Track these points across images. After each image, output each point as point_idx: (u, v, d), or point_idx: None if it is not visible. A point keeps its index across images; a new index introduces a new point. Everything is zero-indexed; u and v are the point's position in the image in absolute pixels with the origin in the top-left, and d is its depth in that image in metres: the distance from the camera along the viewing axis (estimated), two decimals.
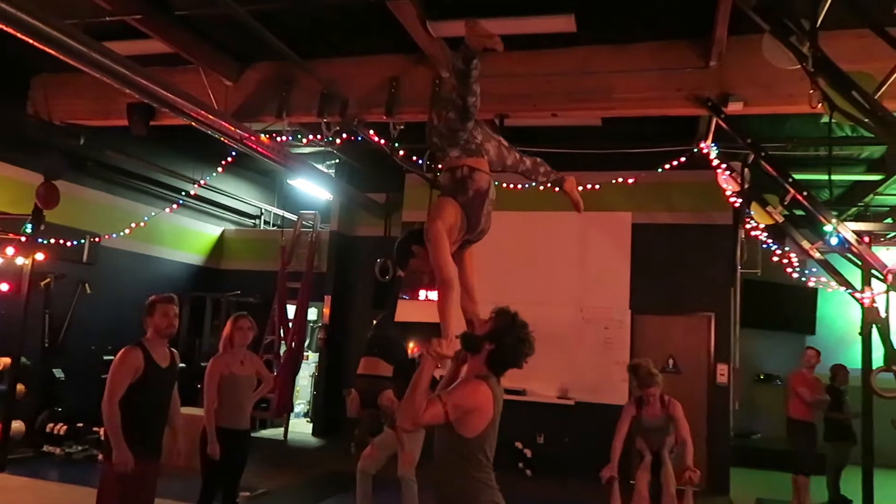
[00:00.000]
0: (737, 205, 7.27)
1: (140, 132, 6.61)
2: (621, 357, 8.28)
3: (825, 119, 6.00)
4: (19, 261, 7.08)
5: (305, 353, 10.19)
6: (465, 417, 2.59)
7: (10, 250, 6.97)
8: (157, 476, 3.92)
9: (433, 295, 8.88)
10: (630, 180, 7.53)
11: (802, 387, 6.99)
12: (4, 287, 7.15)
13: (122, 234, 8.45)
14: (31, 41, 4.16)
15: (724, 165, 6.62)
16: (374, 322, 5.61)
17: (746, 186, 6.71)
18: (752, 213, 6.50)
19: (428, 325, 8.59)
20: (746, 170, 6.89)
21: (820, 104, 3.76)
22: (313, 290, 9.54)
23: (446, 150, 2.97)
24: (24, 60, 6.49)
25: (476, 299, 2.97)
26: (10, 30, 4.00)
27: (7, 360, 7.12)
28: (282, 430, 9.23)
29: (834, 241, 5.65)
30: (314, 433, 9.88)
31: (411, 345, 6.24)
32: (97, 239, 8.21)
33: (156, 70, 5.75)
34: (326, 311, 9.89)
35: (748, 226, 7.37)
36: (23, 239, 7.01)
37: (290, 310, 9.47)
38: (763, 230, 7.05)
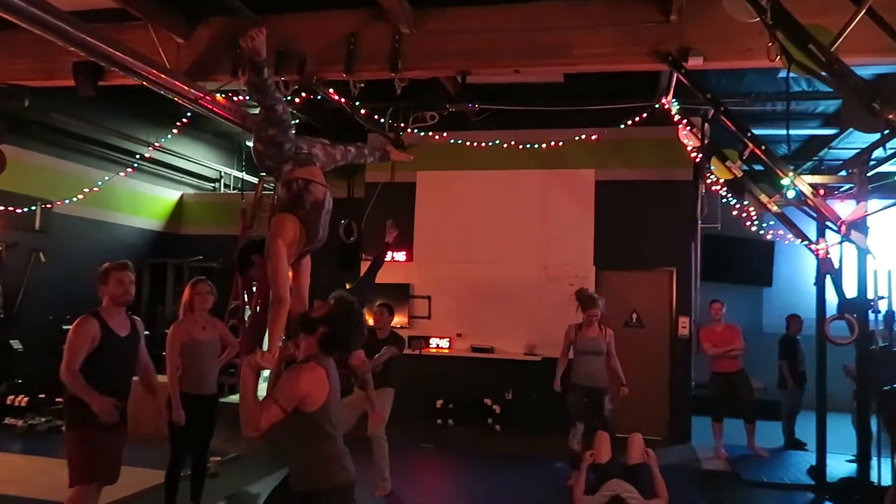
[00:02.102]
0: (697, 160, 7.35)
1: (87, 92, 6.32)
2: None
3: (782, 73, 6.06)
4: None
5: None
6: (301, 403, 2.68)
7: None
8: (124, 443, 3.89)
9: (399, 256, 8.92)
10: (593, 137, 7.55)
11: (706, 341, 7.30)
12: None
13: (74, 199, 8.19)
14: None
15: (684, 121, 6.66)
16: (348, 287, 5.61)
17: (706, 142, 6.77)
18: (711, 168, 6.57)
19: (393, 285, 8.62)
20: (706, 125, 6.95)
21: (778, 57, 3.77)
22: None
23: (281, 168, 3.10)
24: None
25: (305, 303, 3.13)
26: None
27: None
28: None
29: (791, 194, 5.76)
30: None
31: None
32: (49, 205, 7.96)
33: (102, 27, 5.49)
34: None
35: (708, 181, 7.48)
36: None
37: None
38: (722, 185, 7.16)
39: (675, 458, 7.22)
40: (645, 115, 6.79)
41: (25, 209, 7.64)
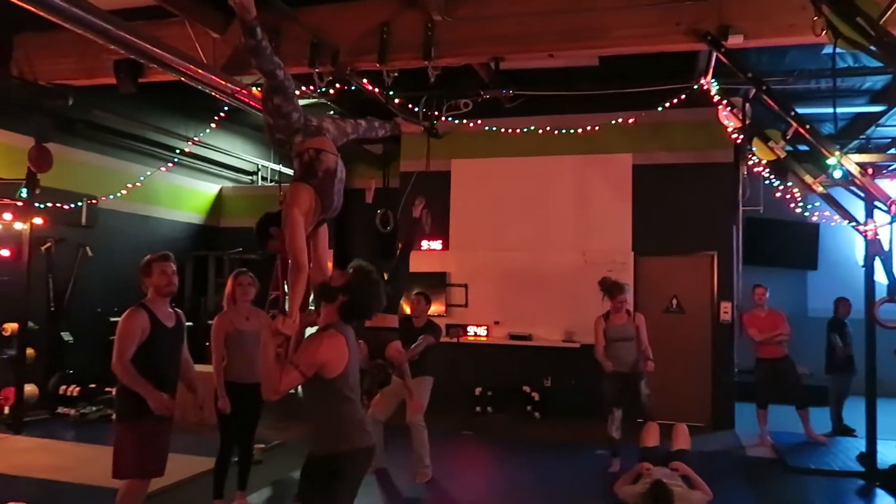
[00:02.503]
0: (738, 141, 7.17)
1: (128, 90, 6.47)
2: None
3: (827, 50, 5.87)
4: (18, 226, 7.06)
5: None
6: (321, 369, 2.75)
7: (7, 215, 6.94)
8: (171, 432, 3.97)
9: (435, 244, 8.95)
10: (630, 120, 7.43)
11: (751, 327, 7.10)
12: (6, 253, 7.15)
13: (118, 195, 8.40)
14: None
15: (724, 102, 6.50)
16: (385, 277, 5.65)
17: (748, 122, 6.60)
18: (753, 149, 6.41)
19: (430, 274, 8.65)
20: (748, 105, 6.77)
21: (824, 32, 3.65)
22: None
23: (291, 140, 3.11)
24: (4, 20, 6.31)
25: (325, 272, 3.20)
26: None
27: (14, 326, 7.17)
28: None
29: (837, 174, 5.59)
30: None
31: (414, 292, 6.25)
32: (94, 201, 8.17)
33: (140, 24, 5.59)
34: (329, 264, 9.86)
35: (750, 162, 7.30)
36: (19, 203, 6.97)
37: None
38: (765, 166, 6.98)
39: (718, 445, 7.12)
40: (683, 96, 6.64)
41: (72, 205, 7.86)
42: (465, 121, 7.93)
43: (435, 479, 5.63)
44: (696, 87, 6.37)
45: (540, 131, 7.97)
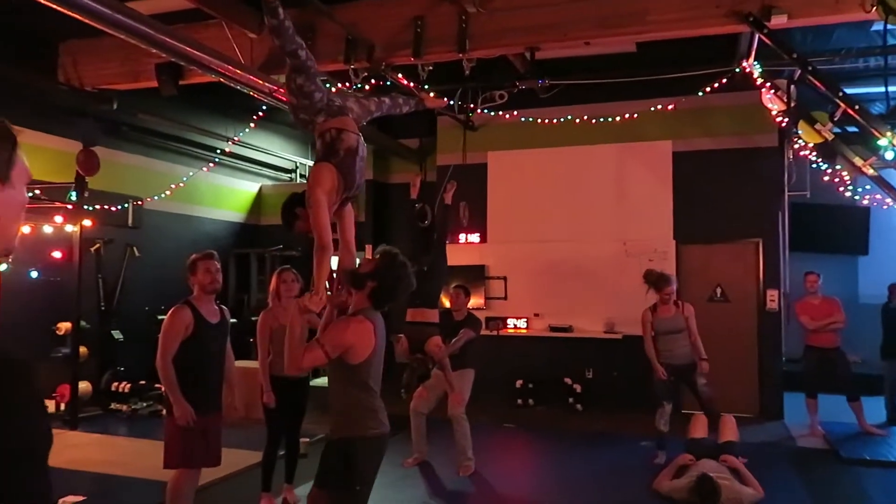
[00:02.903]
0: (783, 125, 6.98)
1: (169, 92, 6.61)
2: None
3: (876, 26, 5.66)
4: (69, 228, 7.28)
5: None
6: (345, 353, 2.82)
7: (58, 218, 7.16)
8: (220, 427, 4.06)
9: (473, 237, 8.94)
10: (669, 107, 7.29)
11: (804, 315, 6.90)
12: (58, 254, 7.38)
13: (163, 195, 8.60)
14: (55, 6, 4.15)
15: (768, 84, 6.33)
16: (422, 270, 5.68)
17: (793, 105, 6.41)
18: (799, 132, 6.22)
19: (468, 267, 8.65)
20: (792, 87, 6.58)
21: (874, 8, 3.52)
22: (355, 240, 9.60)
23: (314, 120, 3.13)
24: (50, 28, 6.50)
25: (353, 252, 3.21)
26: None
27: (68, 325, 7.41)
28: None
29: (889, 155, 5.39)
30: None
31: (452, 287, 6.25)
32: (140, 202, 8.37)
33: (179, 27, 5.70)
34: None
35: (795, 146, 7.09)
36: (69, 206, 7.18)
37: (334, 261, 9.56)
38: (812, 150, 6.76)
39: (767, 435, 6.97)
40: (724, 80, 6.48)
41: (119, 207, 8.07)
42: (500, 112, 7.90)
43: (478, 471, 5.63)
44: (737, 70, 6.21)
45: (577, 121, 7.88)
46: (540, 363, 8.47)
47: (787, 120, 6.57)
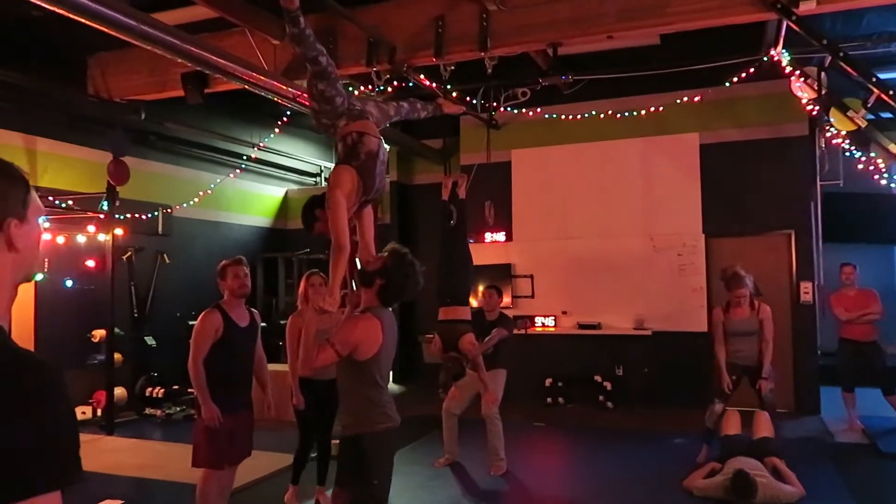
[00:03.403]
0: (814, 113, 6.83)
1: (195, 101, 6.70)
2: (697, 283, 8.10)
3: None
4: (101, 237, 7.41)
5: None
6: (354, 350, 2.87)
7: (91, 228, 7.30)
8: (251, 429, 4.10)
9: (499, 236, 8.90)
10: (695, 98, 7.18)
11: (838, 307, 6.76)
12: (91, 263, 7.52)
13: (191, 203, 8.72)
14: (84, 21, 4.23)
15: (797, 72, 6.20)
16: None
17: (824, 92, 6.27)
18: (831, 120, 6.08)
19: (494, 266, 8.62)
20: (823, 74, 6.43)
21: None
22: (379, 242, 9.63)
23: (336, 124, 3.18)
24: (78, 42, 6.62)
25: (372, 252, 3.24)
26: (63, 12, 4.07)
27: (103, 332, 7.54)
28: None
29: None
30: (394, 380, 10.14)
31: (481, 288, 6.24)
32: (169, 210, 8.50)
33: (204, 36, 5.77)
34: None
35: (827, 134, 6.93)
36: (101, 216, 7.31)
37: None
38: (844, 137, 6.61)
39: (805, 430, 6.84)
40: (752, 70, 6.37)
41: (149, 215, 8.20)
42: (523, 110, 7.86)
43: (510, 470, 5.61)
44: (765, 59, 6.09)
45: (601, 115, 7.80)
46: (569, 361, 8.41)
47: (818, 108, 6.42)
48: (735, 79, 6.54)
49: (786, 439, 5.56)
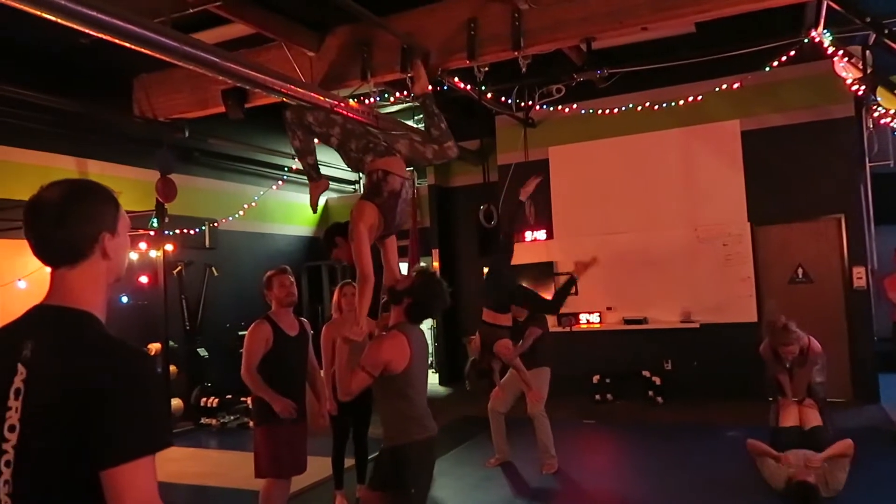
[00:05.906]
0: (860, 93, 6.64)
1: (237, 116, 6.86)
2: (744, 273, 7.95)
3: None
4: (152, 253, 7.65)
5: None
6: (386, 367, 2.95)
7: (142, 245, 7.53)
8: (306, 436, 4.18)
9: (540, 235, 8.87)
10: (735, 85, 7.05)
11: (891, 290, 6.55)
12: (144, 279, 7.77)
13: (236, 216, 8.92)
14: (128, 45, 4.37)
15: (840, 52, 6.04)
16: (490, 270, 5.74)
17: (869, 71, 6.09)
18: (878, 99, 5.91)
19: (535, 265, 8.59)
20: (867, 53, 6.25)
21: None
22: (420, 246, 9.72)
23: (363, 158, 3.34)
24: (123, 65, 6.85)
25: (397, 275, 3.37)
26: (108, 37, 4.22)
27: (158, 346, 7.78)
28: None
29: None
30: (440, 382, 10.19)
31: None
32: (216, 224, 8.71)
33: (242, 53, 5.91)
34: (436, 264, 10.07)
35: (875, 114, 6.73)
36: (152, 233, 7.55)
37: (403, 268, 9.70)
38: (893, 116, 6.41)
39: (864, 419, 6.64)
40: (793, 52, 6.22)
41: (196, 230, 8.42)
42: (559, 107, 7.82)
43: (562, 469, 5.59)
44: (806, 40, 5.95)
45: (639, 108, 7.72)
46: (616, 357, 8.33)
47: (864, 87, 6.24)
48: (775, 63, 6.40)
49: (843, 429, 5.40)
